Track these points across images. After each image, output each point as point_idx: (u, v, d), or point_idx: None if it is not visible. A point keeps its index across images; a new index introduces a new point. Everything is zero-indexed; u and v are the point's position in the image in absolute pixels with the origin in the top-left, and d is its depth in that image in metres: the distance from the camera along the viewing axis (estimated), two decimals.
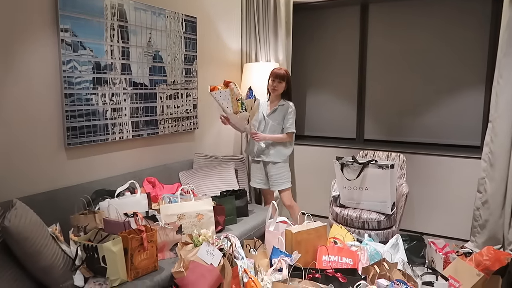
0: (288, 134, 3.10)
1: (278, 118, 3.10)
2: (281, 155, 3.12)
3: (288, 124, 3.08)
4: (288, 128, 3.08)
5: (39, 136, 2.24)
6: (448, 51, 3.52)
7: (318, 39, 4.10)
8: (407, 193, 3.01)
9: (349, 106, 4.01)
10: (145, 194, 2.38)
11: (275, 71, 3.08)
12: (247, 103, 2.91)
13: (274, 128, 3.11)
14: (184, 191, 2.56)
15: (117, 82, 2.63)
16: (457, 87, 3.51)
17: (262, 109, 3.18)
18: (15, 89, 2.11)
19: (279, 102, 3.11)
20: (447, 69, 3.54)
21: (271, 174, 3.15)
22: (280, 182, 3.14)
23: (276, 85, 3.06)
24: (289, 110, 3.08)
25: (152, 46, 2.89)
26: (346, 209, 3.02)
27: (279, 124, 3.10)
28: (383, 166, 2.86)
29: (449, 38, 3.50)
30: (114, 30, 2.58)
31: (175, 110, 3.15)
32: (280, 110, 3.10)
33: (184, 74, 3.21)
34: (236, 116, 2.90)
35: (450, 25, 3.49)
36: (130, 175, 2.68)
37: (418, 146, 3.70)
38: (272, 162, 3.12)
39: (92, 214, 2.07)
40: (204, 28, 3.44)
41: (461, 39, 3.46)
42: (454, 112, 3.54)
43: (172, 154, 3.19)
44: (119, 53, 2.63)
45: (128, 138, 2.75)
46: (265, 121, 3.14)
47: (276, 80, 3.05)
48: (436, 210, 3.55)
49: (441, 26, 3.52)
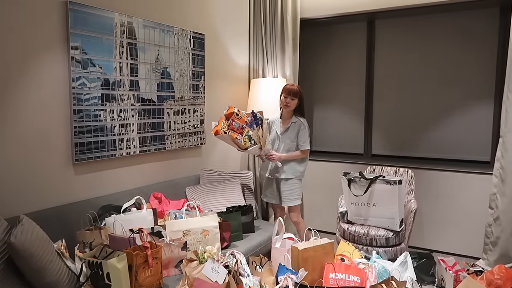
0: (303, 151, 3.09)
1: (292, 136, 3.10)
2: (294, 172, 3.11)
3: (302, 142, 3.08)
4: (302, 146, 3.08)
5: (47, 151, 2.27)
6: (457, 65, 3.50)
7: (325, 55, 4.12)
8: (415, 209, 2.97)
9: (357, 121, 4.00)
10: (151, 210, 2.37)
11: (287, 87, 3.08)
12: (255, 135, 2.91)
13: (289, 146, 3.11)
14: (190, 207, 2.55)
15: (125, 98, 2.66)
16: (466, 101, 3.48)
17: (275, 126, 3.19)
18: (25, 105, 2.15)
19: (291, 119, 3.11)
20: (455, 84, 3.52)
21: (282, 190, 3.14)
22: (290, 199, 3.13)
23: (288, 102, 3.06)
24: (301, 127, 3.08)
25: (160, 63, 2.92)
26: (354, 226, 2.99)
27: (292, 142, 3.10)
28: (391, 182, 2.83)
29: (457, 53, 3.50)
30: (123, 48, 2.62)
31: (182, 125, 3.16)
32: (293, 128, 3.10)
33: (192, 90, 3.23)
34: (247, 151, 2.92)
35: (458, 39, 3.48)
36: (136, 191, 2.69)
37: (426, 162, 3.66)
38: (285, 178, 3.12)
39: (98, 230, 2.07)
40: (212, 45, 3.48)
41: (469, 53, 3.45)
42: (463, 127, 3.50)
43: (178, 170, 3.20)
44: (127, 69, 2.66)
45: (135, 154, 2.76)
46: (279, 140, 3.14)
47: (289, 97, 3.05)
48: (446, 226, 3.49)
49: (449, 40, 3.52)
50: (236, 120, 2.90)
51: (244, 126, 2.92)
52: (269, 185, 3.24)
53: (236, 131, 2.91)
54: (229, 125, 2.91)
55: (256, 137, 2.93)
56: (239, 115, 2.91)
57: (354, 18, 3.86)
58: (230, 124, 2.91)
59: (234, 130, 2.90)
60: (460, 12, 3.44)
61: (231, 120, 2.90)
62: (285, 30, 3.79)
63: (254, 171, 3.94)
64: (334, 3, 3.79)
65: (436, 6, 3.42)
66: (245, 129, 2.92)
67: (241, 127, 2.93)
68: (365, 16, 3.81)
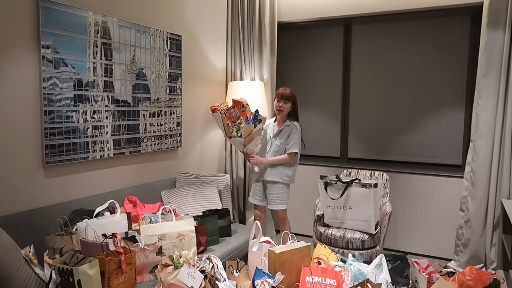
0: (290, 155, 3.05)
1: (282, 139, 3.07)
2: (282, 175, 3.07)
3: (289, 145, 3.04)
4: (289, 149, 3.04)
5: (16, 153, 2.18)
6: (429, 72, 3.60)
7: (302, 59, 4.16)
8: (390, 212, 3.01)
9: (333, 124, 4.04)
10: (125, 214, 2.33)
11: (280, 91, 3.05)
12: (245, 129, 2.92)
13: (278, 148, 3.08)
14: (165, 210, 2.51)
15: (99, 100, 2.61)
16: (439, 106, 3.58)
17: (269, 130, 3.17)
18: None
19: (285, 123, 3.10)
20: (429, 89, 3.61)
21: (269, 193, 3.12)
22: (276, 203, 3.10)
23: (281, 106, 3.04)
24: (292, 130, 3.05)
25: (136, 64, 2.88)
26: (330, 229, 3.01)
27: (282, 145, 3.07)
28: (366, 185, 2.87)
29: (430, 59, 3.59)
30: (97, 47, 2.56)
31: (158, 128, 3.12)
32: (285, 131, 3.07)
33: (168, 92, 3.20)
34: (231, 140, 2.95)
35: (431, 47, 3.58)
36: (110, 195, 2.63)
37: (401, 165, 3.74)
38: (272, 181, 3.09)
39: (69, 235, 2.01)
40: (189, 46, 3.45)
41: (441, 60, 3.55)
42: (436, 131, 3.60)
43: (154, 173, 3.15)
44: (101, 70, 2.61)
45: (109, 156, 2.71)
46: (271, 142, 3.13)
47: (282, 101, 3.03)
48: (419, 229, 3.57)
49: (422, 47, 3.61)
50: (237, 109, 2.94)
51: (241, 118, 2.95)
52: (256, 187, 3.21)
53: (231, 118, 2.95)
54: (228, 109, 2.95)
55: (245, 131, 2.93)
56: (244, 108, 2.92)
57: (331, 23, 3.91)
58: (229, 109, 2.95)
59: (230, 116, 2.94)
60: (433, 19, 3.55)
61: (232, 107, 2.95)
62: (263, 33, 3.80)
63: (231, 174, 3.92)
64: (312, 8, 3.83)
65: (409, 13, 3.51)
66: (240, 120, 2.95)
67: (237, 117, 2.95)
68: (342, 21, 3.86)
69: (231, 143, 3.02)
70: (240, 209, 3.96)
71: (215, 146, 3.88)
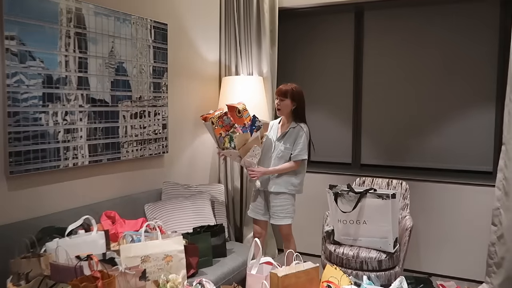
0: (297, 162, 3.03)
1: (287, 143, 3.05)
2: (287, 185, 3.05)
3: (297, 151, 3.02)
4: (296, 156, 3.01)
5: None
6: (454, 64, 3.60)
7: (307, 51, 4.16)
8: (411, 227, 3.01)
9: (344, 126, 4.04)
10: (102, 232, 2.32)
11: (279, 87, 3.06)
12: (239, 139, 2.91)
13: (282, 154, 3.05)
14: (149, 227, 2.51)
15: (72, 99, 2.60)
16: (466, 105, 3.58)
17: (272, 132, 3.17)
18: None
19: (290, 124, 3.08)
20: (453, 86, 3.61)
21: (272, 205, 3.09)
22: (280, 216, 3.08)
23: (278, 104, 3.04)
24: (299, 134, 3.03)
25: (115, 57, 2.87)
26: (342, 247, 3.00)
27: (287, 150, 3.05)
28: (383, 196, 2.86)
29: (454, 51, 3.60)
30: (70, 38, 2.56)
31: (141, 131, 3.11)
32: (291, 134, 3.05)
33: (152, 89, 3.19)
34: (224, 152, 2.96)
35: (455, 35, 3.59)
36: (85, 209, 2.61)
37: (422, 172, 3.73)
38: (275, 192, 3.06)
39: (36, 258, 1.99)
40: (177, 37, 3.45)
41: (467, 50, 3.56)
42: (462, 133, 3.60)
43: (136, 183, 3.14)
44: (75, 64, 2.61)
45: (84, 165, 2.70)
46: (274, 146, 3.11)
47: (279, 98, 3.03)
48: (445, 246, 3.55)
49: (446, 37, 3.62)
50: (230, 116, 2.95)
51: (235, 126, 2.95)
52: (257, 198, 3.19)
53: (224, 127, 2.95)
54: (220, 117, 2.95)
55: (239, 141, 2.92)
56: (241, 114, 2.92)
57: (341, 8, 3.92)
58: (222, 117, 2.95)
59: (223, 125, 2.94)
60: (457, 4, 3.55)
61: (225, 114, 2.96)
62: (261, 21, 3.80)
63: (226, 185, 3.91)
64: None
65: None
66: (234, 129, 2.96)
67: (231, 125, 2.96)
68: (352, 6, 3.87)
69: (227, 155, 3.03)
70: (236, 225, 3.95)
71: (207, 152, 3.87)
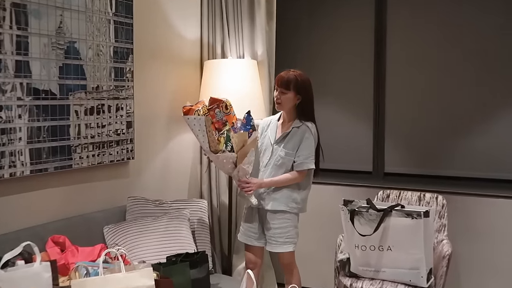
0: (300, 173, 3.02)
1: (289, 147, 3.04)
2: (288, 201, 3.04)
3: (301, 157, 3.00)
4: (300, 165, 3.00)
5: None
6: (501, 49, 3.60)
7: (315, 27, 4.16)
8: (450, 253, 3.01)
9: (362, 125, 4.05)
10: (48, 263, 2.29)
11: (280, 75, 3.05)
12: (237, 138, 2.92)
13: (282, 161, 3.05)
14: (110, 256, 2.50)
15: (8, 90, 2.58)
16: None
17: (270, 131, 3.16)
18: None
19: (292, 123, 3.08)
20: (503, 73, 3.61)
21: (269, 227, 3.09)
22: (279, 242, 3.07)
23: (278, 97, 3.03)
24: (305, 136, 3.02)
25: (64, 35, 2.86)
26: (360, 281, 3.01)
27: (288, 156, 3.04)
28: (413, 214, 2.86)
29: (505, 27, 3.59)
30: (5, 11, 2.54)
31: (99, 131, 3.10)
32: (293, 135, 3.05)
33: (114, 77, 3.19)
34: (217, 157, 2.92)
35: (506, 8, 3.58)
36: (25, 233, 2.59)
37: (464, 183, 3.74)
38: (273, 210, 3.05)
39: None
40: (145, 9, 3.45)
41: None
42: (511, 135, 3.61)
43: (93, 199, 3.13)
44: (12, 45, 2.59)
45: (24, 175, 2.68)
46: (271, 150, 3.10)
47: (279, 89, 3.02)
48: (493, 277, 3.55)
49: (492, 9, 3.62)
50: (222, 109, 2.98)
51: (227, 123, 2.98)
52: (250, 217, 3.19)
53: (215, 123, 2.97)
54: (210, 109, 2.96)
55: (238, 142, 2.92)
56: (229, 111, 2.96)
57: None
58: (212, 110, 2.96)
59: (215, 120, 2.96)
60: None
61: (216, 106, 2.97)
62: None
63: (210, 200, 3.90)
64: None
65: None
66: (228, 127, 2.98)
67: (223, 122, 2.98)
68: None
69: (215, 163, 3.01)
70: (223, 253, 3.94)
71: (185, 158, 3.87)
